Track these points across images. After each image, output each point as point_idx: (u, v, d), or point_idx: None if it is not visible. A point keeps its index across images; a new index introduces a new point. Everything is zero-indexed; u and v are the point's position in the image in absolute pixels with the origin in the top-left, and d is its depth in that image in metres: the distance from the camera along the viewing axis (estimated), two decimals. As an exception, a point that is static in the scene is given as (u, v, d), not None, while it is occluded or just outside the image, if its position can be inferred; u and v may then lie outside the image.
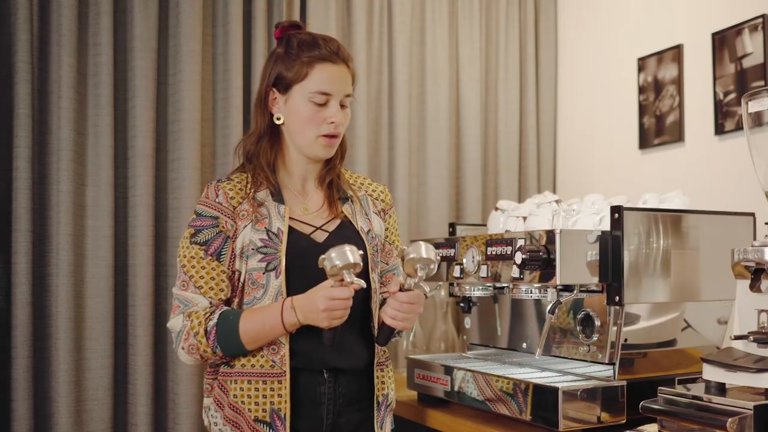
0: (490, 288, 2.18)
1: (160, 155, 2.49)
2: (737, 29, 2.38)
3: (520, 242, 1.85)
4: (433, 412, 2.11)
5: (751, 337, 1.56)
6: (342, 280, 1.58)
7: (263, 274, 1.66)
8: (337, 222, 1.77)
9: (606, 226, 1.90)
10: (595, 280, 1.82)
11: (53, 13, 2.32)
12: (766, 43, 2.30)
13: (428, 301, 2.46)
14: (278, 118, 1.74)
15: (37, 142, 2.31)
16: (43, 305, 2.31)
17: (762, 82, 2.29)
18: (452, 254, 2.12)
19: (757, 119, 1.64)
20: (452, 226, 2.55)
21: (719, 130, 2.44)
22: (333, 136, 1.72)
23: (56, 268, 2.30)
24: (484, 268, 1.98)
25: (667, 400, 1.62)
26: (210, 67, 2.57)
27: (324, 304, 1.56)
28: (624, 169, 2.81)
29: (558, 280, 1.77)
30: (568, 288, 1.89)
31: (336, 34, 2.74)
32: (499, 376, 1.93)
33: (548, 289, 1.92)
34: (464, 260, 2.05)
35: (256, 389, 1.66)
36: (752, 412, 1.45)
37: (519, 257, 1.79)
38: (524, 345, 2.14)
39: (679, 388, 1.65)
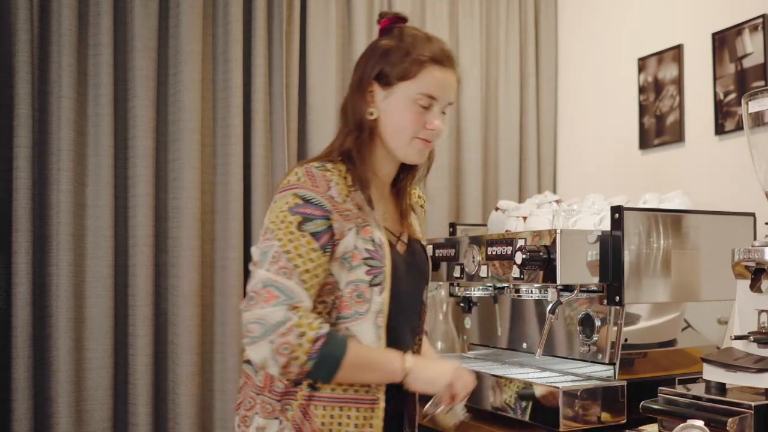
0: (490, 288, 2.18)
1: (160, 155, 2.49)
2: (737, 29, 2.38)
3: (520, 242, 1.85)
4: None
5: (752, 337, 1.56)
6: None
7: (368, 287, 1.50)
8: (406, 233, 1.67)
9: (606, 226, 1.90)
10: (596, 280, 1.82)
11: (53, 13, 2.32)
12: (767, 43, 2.30)
13: (428, 301, 2.46)
14: (371, 113, 1.57)
15: (37, 142, 2.31)
16: (43, 305, 2.31)
17: (762, 82, 2.29)
18: (452, 254, 2.12)
19: (757, 119, 1.64)
20: (452, 226, 2.55)
21: (719, 130, 2.44)
22: (429, 142, 1.60)
23: (56, 268, 2.30)
24: (484, 268, 1.98)
25: (668, 400, 1.62)
26: (210, 67, 2.57)
27: (450, 377, 1.54)
28: (624, 169, 2.81)
29: (558, 280, 1.77)
30: (568, 288, 1.89)
31: (336, 34, 2.74)
32: (499, 376, 1.93)
33: (548, 289, 1.93)
34: (464, 260, 2.05)
35: (348, 417, 1.50)
36: (752, 412, 1.45)
37: (519, 257, 1.79)
38: (524, 345, 2.14)
39: (680, 388, 1.65)
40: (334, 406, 1.50)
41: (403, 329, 1.61)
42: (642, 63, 2.74)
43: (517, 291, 2.01)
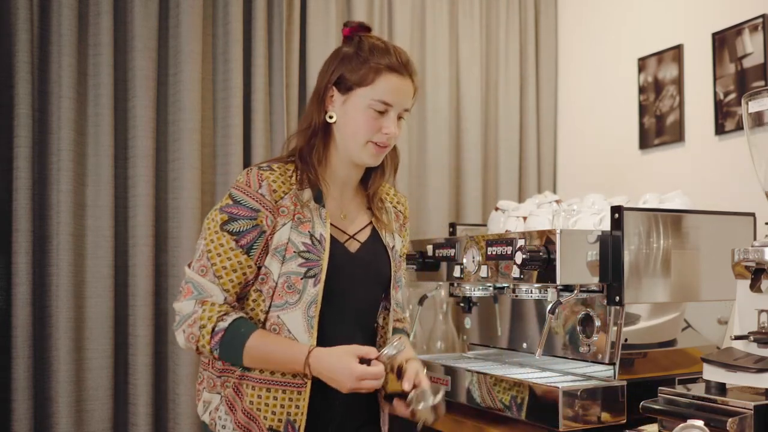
0: (490, 288, 2.18)
1: (160, 155, 2.49)
2: (737, 29, 2.38)
3: (520, 242, 1.85)
4: (433, 412, 2.11)
5: (752, 337, 1.56)
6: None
7: (301, 279, 1.61)
8: (368, 232, 1.75)
9: (606, 226, 1.90)
10: (595, 280, 1.82)
11: (53, 13, 2.32)
12: (766, 43, 2.30)
13: (428, 301, 2.46)
14: (330, 117, 1.67)
15: (37, 142, 2.31)
16: (43, 305, 2.31)
17: (762, 82, 2.29)
18: (452, 254, 2.12)
19: (757, 119, 1.64)
20: (452, 226, 2.55)
21: (719, 130, 2.44)
22: (383, 146, 1.67)
23: (56, 268, 2.30)
24: (484, 268, 1.98)
25: (668, 400, 1.62)
26: (210, 67, 2.57)
27: (353, 384, 1.54)
28: (624, 169, 2.81)
29: (558, 280, 1.77)
30: (568, 288, 1.89)
31: (336, 34, 2.74)
32: (499, 376, 1.93)
33: (548, 289, 1.93)
34: (464, 260, 2.05)
35: (275, 398, 1.61)
36: (752, 412, 1.45)
37: (519, 257, 1.79)
38: (524, 345, 2.14)
39: (680, 388, 1.65)
40: (262, 387, 1.61)
41: (344, 323, 1.68)
42: (642, 63, 2.74)
43: (514, 291, 2.01)
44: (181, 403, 2.40)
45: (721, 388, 1.58)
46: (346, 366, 1.54)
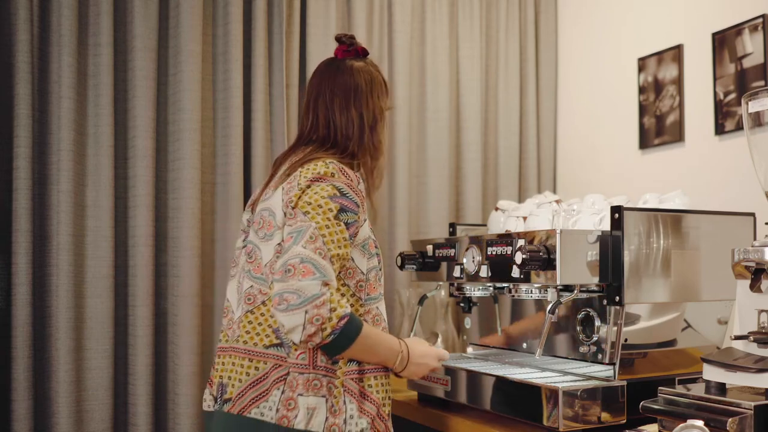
0: (490, 288, 2.18)
1: (160, 155, 2.49)
2: (737, 29, 2.38)
3: (520, 242, 1.85)
4: (433, 412, 2.11)
5: (752, 337, 1.56)
6: None
7: (380, 271, 1.73)
8: None
9: (606, 226, 1.90)
10: (595, 280, 1.82)
11: (53, 13, 2.32)
12: (766, 43, 2.30)
13: (428, 301, 2.46)
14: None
15: (37, 142, 2.31)
16: (43, 305, 2.31)
17: (762, 82, 2.29)
18: (452, 254, 2.12)
19: (757, 119, 1.64)
20: (452, 226, 2.55)
21: (719, 130, 2.44)
22: None
23: (56, 268, 2.30)
24: (484, 268, 1.98)
25: (668, 400, 1.62)
26: (210, 67, 2.57)
27: (436, 365, 1.77)
28: (624, 169, 2.81)
29: (558, 280, 1.77)
30: (568, 288, 1.89)
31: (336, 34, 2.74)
32: (499, 377, 1.93)
33: (548, 289, 1.93)
34: (464, 260, 2.05)
35: (389, 384, 1.71)
36: (752, 412, 1.45)
37: (519, 257, 1.79)
38: (524, 345, 2.14)
39: (680, 388, 1.65)
40: (383, 375, 1.69)
41: None
42: (642, 63, 2.74)
43: (510, 291, 2.02)
44: (181, 403, 2.40)
45: (721, 388, 1.58)
46: (430, 349, 1.75)
